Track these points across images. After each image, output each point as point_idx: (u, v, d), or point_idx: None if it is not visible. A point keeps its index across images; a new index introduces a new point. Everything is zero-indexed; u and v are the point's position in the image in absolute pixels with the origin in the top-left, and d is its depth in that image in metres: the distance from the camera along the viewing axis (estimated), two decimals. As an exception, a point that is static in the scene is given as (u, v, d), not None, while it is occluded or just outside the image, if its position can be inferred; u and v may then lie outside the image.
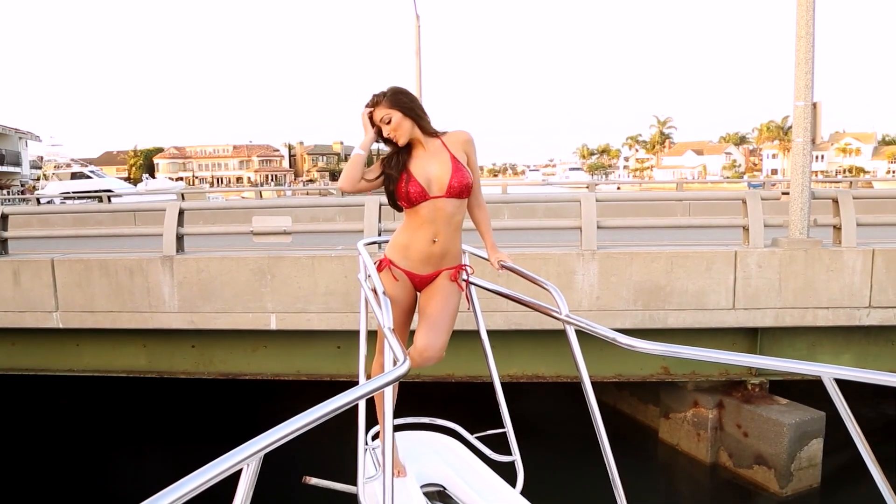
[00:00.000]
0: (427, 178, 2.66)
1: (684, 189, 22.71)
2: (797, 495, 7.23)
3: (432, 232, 2.70)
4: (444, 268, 2.80)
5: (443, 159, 2.69)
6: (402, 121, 2.66)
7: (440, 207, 2.67)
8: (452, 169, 2.67)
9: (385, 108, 2.66)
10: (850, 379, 1.88)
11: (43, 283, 7.53)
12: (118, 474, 8.10)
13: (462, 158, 2.72)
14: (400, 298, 2.76)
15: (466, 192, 2.70)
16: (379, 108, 2.67)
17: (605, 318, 6.88)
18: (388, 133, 2.67)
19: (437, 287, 2.81)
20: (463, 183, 2.67)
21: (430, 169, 2.67)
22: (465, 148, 2.75)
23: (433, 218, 2.68)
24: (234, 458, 1.28)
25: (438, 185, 2.66)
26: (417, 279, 2.79)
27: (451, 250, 2.78)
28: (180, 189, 32.87)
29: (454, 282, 2.81)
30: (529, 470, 2.95)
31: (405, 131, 2.67)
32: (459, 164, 2.69)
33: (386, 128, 2.66)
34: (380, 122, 2.67)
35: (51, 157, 44.29)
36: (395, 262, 2.77)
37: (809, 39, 7.06)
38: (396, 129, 2.66)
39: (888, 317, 7.12)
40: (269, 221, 7.80)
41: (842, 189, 17.41)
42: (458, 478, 2.88)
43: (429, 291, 2.82)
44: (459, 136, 2.76)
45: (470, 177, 2.72)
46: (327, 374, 7.91)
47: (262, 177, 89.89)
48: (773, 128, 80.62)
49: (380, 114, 2.67)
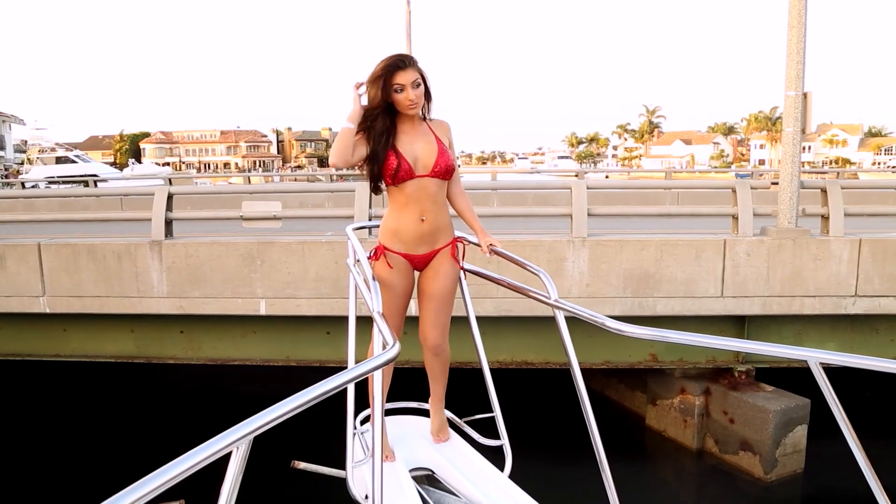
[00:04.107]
0: (414, 156, 2.69)
1: (673, 178, 22.80)
2: (781, 481, 7.33)
3: (419, 210, 2.73)
4: (438, 246, 2.83)
5: (429, 140, 2.74)
6: (423, 90, 2.67)
7: (425, 186, 2.71)
8: (439, 150, 2.72)
9: (416, 72, 2.63)
10: (837, 363, 1.90)
11: (29, 267, 7.46)
12: (107, 458, 8.08)
13: (445, 143, 2.78)
14: (396, 284, 2.78)
15: (449, 174, 2.76)
16: (410, 70, 2.61)
17: (594, 304, 6.90)
18: (413, 97, 2.62)
19: (438, 270, 2.84)
20: (447, 165, 2.73)
21: (416, 147, 2.70)
22: (447, 136, 2.82)
23: (418, 196, 2.71)
24: (224, 440, 1.28)
25: (424, 164, 2.70)
26: (415, 259, 2.82)
27: (441, 226, 2.81)
28: (167, 174, 32.62)
29: (453, 258, 2.85)
30: (517, 454, 2.97)
31: (421, 102, 2.68)
32: (444, 148, 2.75)
33: (413, 92, 2.61)
34: (409, 83, 2.60)
35: (35, 141, 43.85)
36: (389, 247, 2.78)
37: (801, 29, 7.06)
38: (420, 96, 2.66)
39: (873, 306, 7.20)
40: (259, 207, 7.75)
41: (830, 179, 17.53)
42: (446, 462, 2.89)
43: (428, 273, 2.86)
44: (443, 124, 2.83)
45: (453, 160, 2.78)
46: (317, 360, 7.90)
47: (250, 162, 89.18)
48: (762, 118, 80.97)
49: (411, 76, 2.60)
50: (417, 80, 2.63)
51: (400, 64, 2.60)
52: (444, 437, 3.06)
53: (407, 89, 2.61)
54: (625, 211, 9.60)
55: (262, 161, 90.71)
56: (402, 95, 2.62)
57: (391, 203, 2.78)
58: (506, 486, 2.70)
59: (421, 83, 2.64)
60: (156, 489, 1.15)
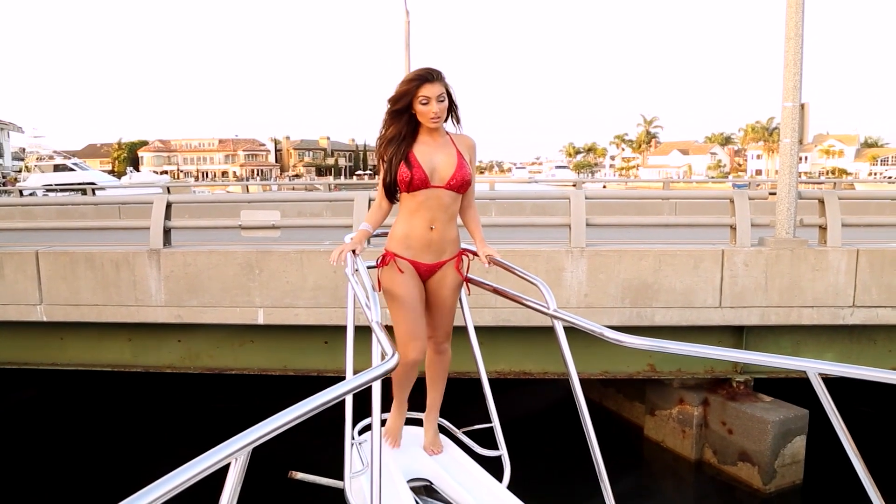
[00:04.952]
0: (432, 166, 2.73)
1: (670, 188, 22.83)
2: (780, 492, 7.30)
3: (429, 219, 2.76)
4: (445, 258, 2.86)
5: (450, 153, 2.78)
6: (446, 105, 2.74)
7: (438, 196, 2.75)
8: (458, 164, 2.76)
9: (442, 87, 2.70)
10: (835, 374, 1.90)
11: (27, 275, 7.44)
12: (104, 469, 8.04)
13: (466, 158, 2.82)
14: (412, 287, 2.81)
15: (465, 187, 2.80)
16: (437, 84, 2.69)
17: (593, 314, 6.90)
18: (437, 110, 2.69)
19: (443, 283, 2.89)
20: (465, 179, 2.77)
21: (435, 159, 2.75)
22: (469, 152, 2.87)
23: (430, 205, 2.75)
24: (223, 452, 1.28)
25: (441, 175, 2.74)
26: (421, 268, 2.84)
27: (449, 238, 2.85)
28: (165, 182, 32.61)
29: (458, 270, 2.90)
30: (516, 465, 2.96)
31: (444, 115, 2.74)
32: (464, 162, 2.79)
33: (437, 105, 2.68)
34: (434, 97, 2.67)
35: (33, 149, 43.76)
36: (399, 253, 2.80)
37: (798, 41, 7.10)
38: (443, 110, 2.72)
39: (871, 316, 7.20)
40: (257, 216, 7.75)
41: (827, 190, 17.58)
42: (444, 473, 2.88)
43: (433, 284, 2.88)
44: (467, 140, 2.89)
45: (470, 174, 2.82)
46: (315, 370, 7.88)
47: (248, 171, 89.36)
48: (759, 128, 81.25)
49: (437, 90, 2.68)
50: (442, 94, 2.70)
51: (428, 77, 2.68)
52: (438, 450, 3.07)
53: (431, 102, 2.68)
54: (623, 221, 9.62)
55: (260, 170, 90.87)
56: (426, 108, 2.69)
57: (402, 210, 2.82)
58: (504, 496, 2.68)
59: (445, 98, 2.71)
60: (154, 501, 1.14)
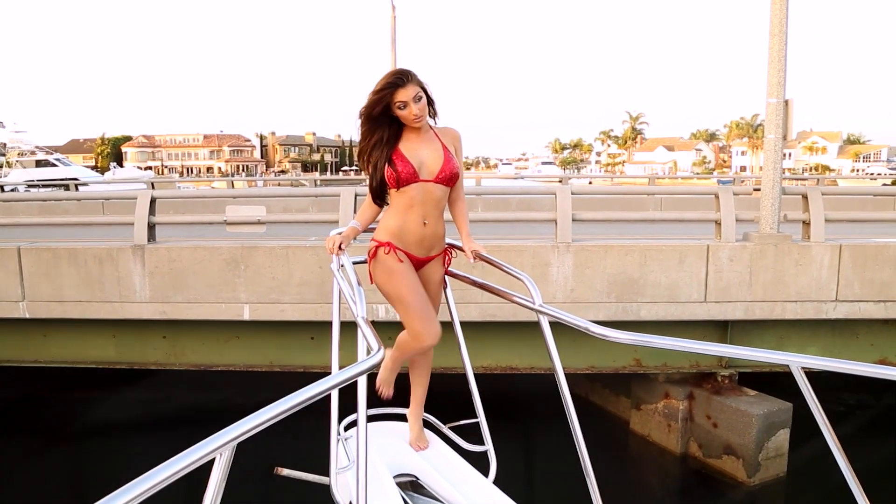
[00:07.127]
0: (419, 160, 2.73)
1: (656, 184, 22.99)
2: (764, 484, 7.38)
3: (421, 214, 2.76)
4: (434, 253, 2.88)
5: (435, 147, 2.78)
6: (425, 102, 2.72)
7: (429, 190, 2.75)
8: (445, 158, 2.77)
9: (416, 87, 2.68)
10: (818, 368, 1.92)
11: (8, 271, 7.35)
12: (88, 465, 7.98)
13: (451, 151, 2.82)
14: (413, 274, 2.81)
15: (454, 181, 2.81)
16: (410, 86, 2.66)
17: (578, 309, 6.92)
18: (417, 111, 2.68)
19: (431, 278, 2.91)
20: (453, 172, 2.78)
21: (422, 153, 2.75)
22: (454, 143, 2.87)
23: (422, 200, 2.75)
24: (207, 447, 1.27)
25: (428, 169, 2.74)
26: (413, 262, 2.84)
27: (440, 233, 2.87)
28: (149, 178, 32.34)
29: (445, 265, 2.95)
30: (502, 460, 2.97)
31: (425, 113, 2.73)
32: (450, 155, 2.79)
33: (416, 106, 2.67)
34: (411, 99, 2.65)
35: (14, 144, 43.04)
36: (395, 244, 2.81)
37: (782, 38, 7.15)
38: (423, 108, 2.71)
39: (853, 310, 7.28)
40: (243, 211, 7.71)
41: (811, 186, 17.77)
42: (431, 468, 2.88)
43: (422, 280, 2.87)
44: (451, 132, 2.88)
45: (458, 167, 2.82)
46: (301, 366, 7.86)
47: (233, 167, 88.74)
48: (743, 125, 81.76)
49: (412, 91, 2.66)
50: (418, 94, 2.68)
51: (399, 82, 2.65)
52: (423, 446, 3.07)
53: (409, 105, 2.66)
54: (609, 216, 9.61)
55: (246, 165, 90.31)
56: (405, 112, 2.68)
57: (393, 206, 2.80)
58: (490, 491, 2.69)
59: (422, 96, 2.69)
60: (138, 496, 1.13)
